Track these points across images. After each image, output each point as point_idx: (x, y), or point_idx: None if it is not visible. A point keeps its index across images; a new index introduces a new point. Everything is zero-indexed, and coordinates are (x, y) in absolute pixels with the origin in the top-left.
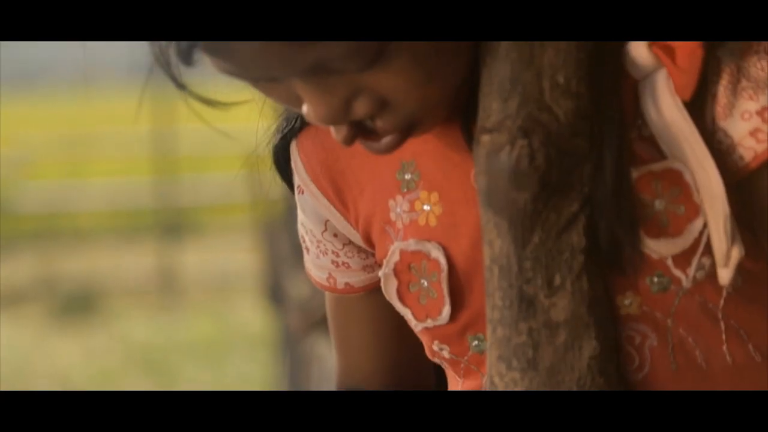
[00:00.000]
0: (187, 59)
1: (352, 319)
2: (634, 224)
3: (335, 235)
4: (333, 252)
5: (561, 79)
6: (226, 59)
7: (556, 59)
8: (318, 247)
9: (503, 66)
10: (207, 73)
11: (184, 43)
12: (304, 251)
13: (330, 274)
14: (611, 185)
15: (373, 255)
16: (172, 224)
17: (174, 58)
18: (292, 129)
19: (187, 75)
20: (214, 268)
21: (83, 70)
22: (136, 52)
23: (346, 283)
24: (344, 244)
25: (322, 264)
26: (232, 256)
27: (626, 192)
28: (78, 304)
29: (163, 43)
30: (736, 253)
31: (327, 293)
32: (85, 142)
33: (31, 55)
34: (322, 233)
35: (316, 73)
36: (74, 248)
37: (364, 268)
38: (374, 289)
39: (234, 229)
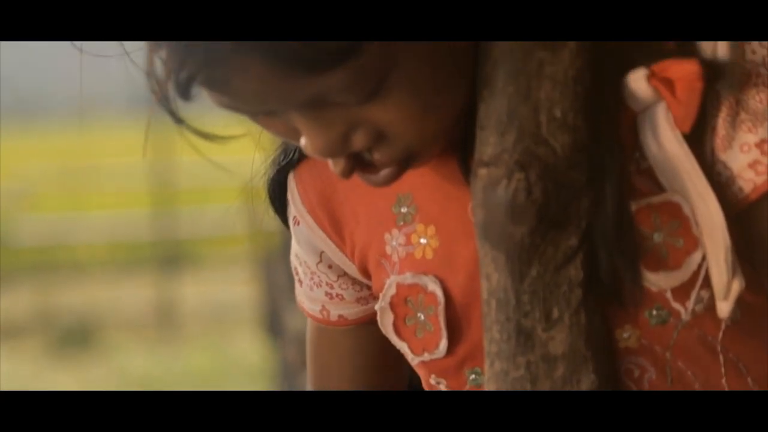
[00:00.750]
0: (185, 94)
1: (337, 352)
2: (634, 258)
3: (330, 267)
4: (327, 284)
5: (558, 113)
6: (224, 93)
7: (553, 93)
8: (312, 278)
9: (500, 100)
10: (204, 105)
11: (182, 78)
12: (297, 283)
13: (323, 306)
14: (612, 218)
15: (368, 287)
16: (170, 257)
17: (172, 93)
18: (290, 161)
19: (185, 108)
20: (212, 301)
21: (81, 102)
22: (134, 84)
23: (340, 315)
24: (339, 276)
25: (315, 296)
26: (230, 289)
27: (627, 225)
28: (76, 337)
29: (162, 77)
30: (737, 285)
31: (309, 324)
32: (83, 174)
33: (30, 88)
34: (316, 264)
35: (315, 107)
36: (72, 281)
37: (358, 300)
38: (365, 323)
39: (232, 262)
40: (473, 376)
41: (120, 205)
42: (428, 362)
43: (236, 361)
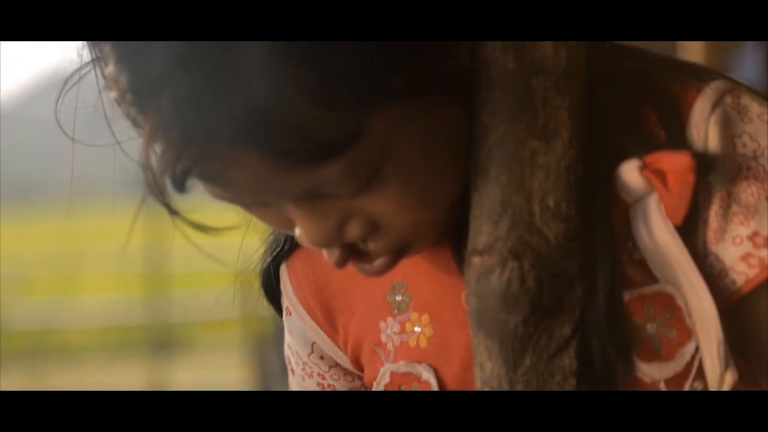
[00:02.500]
0: (181, 187)
1: None
2: (626, 348)
3: (321, 358)
4: (319, 374)
5: (551, 202)
6: (219, 186)
7: (546, 182)
8: (304, 369)
9: (493, 189)
10: (197, 195)
11: (178, 172)
12: (289, 373)
13: None
14: (604, 309)
15: (359, 377)
16: (162, 341)
17: (167, 186)
18: (281, 251)
19: (177, 197)
20: (204, 385)
21: (73, 187)
22: (125, 169)
23: None
24: (330, 367)
25: (307, 386)
26: (222, 373)
27: (619, 316)
28: None
29: (157, 171)
30: (730, 377)
31: None
32: (74, 258)
33: (22, 172)
34: (308, 355)
35: (310, 198)
36: (64, 365)
37: (350, 390)
38: None
39: (224, 346)
40: None
41: (112, 289)
42: None
43: None
